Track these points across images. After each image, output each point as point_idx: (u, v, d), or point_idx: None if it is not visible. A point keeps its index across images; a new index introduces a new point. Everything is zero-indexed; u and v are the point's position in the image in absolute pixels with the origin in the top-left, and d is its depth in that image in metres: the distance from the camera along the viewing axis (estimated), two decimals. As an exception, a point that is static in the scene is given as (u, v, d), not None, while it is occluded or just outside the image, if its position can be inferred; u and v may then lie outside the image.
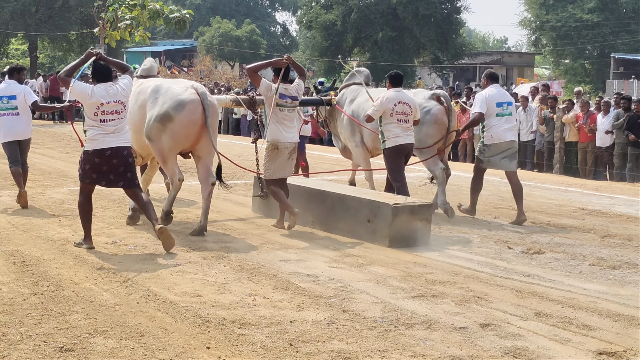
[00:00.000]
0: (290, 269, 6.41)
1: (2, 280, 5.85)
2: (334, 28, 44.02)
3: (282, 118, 8.13)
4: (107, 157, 6.87)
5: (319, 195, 8.38)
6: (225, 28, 57.16)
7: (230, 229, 8.12)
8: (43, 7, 43.08)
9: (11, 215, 8.55)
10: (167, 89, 7.89)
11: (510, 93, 17.20)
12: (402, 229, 7.53)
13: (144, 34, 28.32)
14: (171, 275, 6.12)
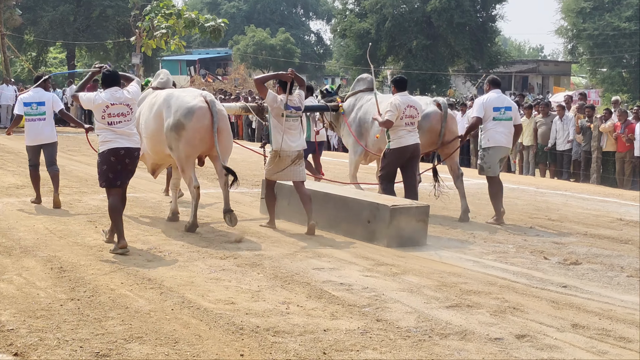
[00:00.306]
0: (324, 277, 6.41)
1: (40, 285, 5.92)
2: (368, 36, 43.98)
3: (288, 127, 8.48)
4: (121, 157, 7.23)
5: (323, 197, 8.75)
6: (259, 37, 57.50)
7: (263, 236, 8.14)
8: (81, 17, 43.73)
9: (49, 221, 8.66)
10: (177, 98, 8.37)
11: (545, 102, 17.11)
12: (400, 230, 7.84)
13: (179, 42, 28.60)
14: (205, 282, 6.15)
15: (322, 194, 8.78)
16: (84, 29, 43.80)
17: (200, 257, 7.07)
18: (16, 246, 7.31)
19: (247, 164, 14.64)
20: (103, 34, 43.66)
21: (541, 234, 8.86)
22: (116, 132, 7.19)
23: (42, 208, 9.55)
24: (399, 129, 8.99)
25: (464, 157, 17.65)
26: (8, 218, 8.80)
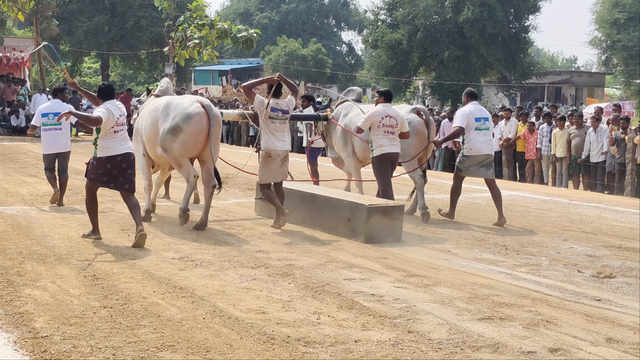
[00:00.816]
0: (355, 287, 6.40)
1: (73, 293, 5.98)
2: (400, 47, 43.94)
3: (274, 129, 9.13)
4: (118, 162, 8.02)
5: (309, 197, 9.52)
6: (291, 47, 57.76)
7: (294, 246, 8.15)
8: (115, 27, 44.28)
9: (83, 229, 8.74)
10: (177, 105, 9.12)
11: (579, 114, 16.96)
12: (376, 227, 8.56)
13: (212, 52, 28.80)
14: (237, 291, 6.17)
15: (309, 194, 9.54)
16: (118, 39, 44.33)
17: (231, 266, 7.10)
18: (50, 254, 7.40)
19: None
20: (137, 44, 44.14)
21: (574, 247, 8.76)
22: (117, 139, 7.99)
23: (77, 216, 9.64)
24: (379, 137, 9.70)
25: (496, 168, 17.56)
26: (43, 226, 8.91)
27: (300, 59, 56.68)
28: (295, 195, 9.67)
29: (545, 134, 16.36)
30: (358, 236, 8.57)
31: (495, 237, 9.17)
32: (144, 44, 44.77)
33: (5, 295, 5.85)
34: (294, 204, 9.54)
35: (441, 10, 44.36)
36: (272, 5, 72.67)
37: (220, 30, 27.79)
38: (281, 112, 9.14)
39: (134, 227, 8.88)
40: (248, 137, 26.61)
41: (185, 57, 29.27)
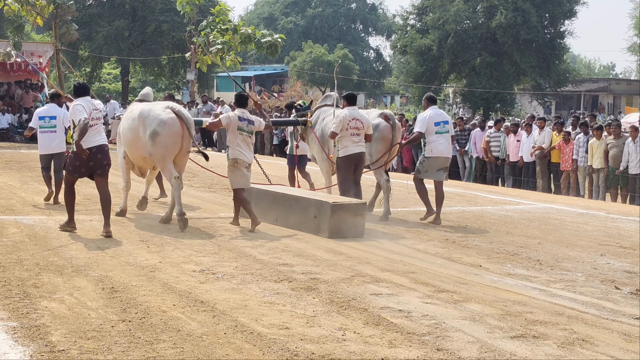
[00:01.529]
0: (382, 303, 6.38)
1: (91, 306, 6.03)
2: (430, 53, 43.91)
3: (241, 141, 10.04)
4: (94, 153, 9.11)
5: (281, 197, 10.49)
6: (317, 53, 57.93)
7: (319, 259, 8.16)
8: (136, 32, 44.56)
9: (101, 240, 8.82)
10: (150, 111, 10.22)
11: (617, 123, 16.82)
12: (340, 223, 9.49)
13: (235, 58, 28.92)
14: (259, 306, 6.18)
15: (280, 194, 10.58)
16: (139, 44, 44.63)
17: (254, 279, 7.11)
18: (68, 265, 7.46)
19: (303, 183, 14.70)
20: (158, 49, 44.42)
21: (612, 262, 8.68)
22: (92, 132, 9.07)
23: (94, 226, 9.72)
24: (344, 139, 10.58)
25: (529, 179, 17.46)
26: (60, 236, 8.99)
27: (326, 65, 56.77)
28: (268, 196, 10.67)
29: (581, 144, 16.24)
30: (323, 232, 9.53)
31: (528, 251, 9.11)
32: (165, 49, 45.05)
33: (21, 307, 5.91)
34: (267, 204, 10.53)
35: (473, 15, 44.29)
36: (298, 9, 73.00)
37: (243, 35, 27.92)
38: (247, 121, 10.09)
39: (153, 238, 8.97)
40: (272, 145, 26.74)
41: (208, 63, 29.42)
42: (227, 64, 29.51)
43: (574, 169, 16.44)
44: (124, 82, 47.82)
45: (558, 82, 44.26)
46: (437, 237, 9.89)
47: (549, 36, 44.15)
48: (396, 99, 65.96)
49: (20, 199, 12.05)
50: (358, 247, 8.91)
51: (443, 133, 11.04)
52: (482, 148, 18.61)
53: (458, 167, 19.74)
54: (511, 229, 10.72)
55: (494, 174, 18.56)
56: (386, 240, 9.43)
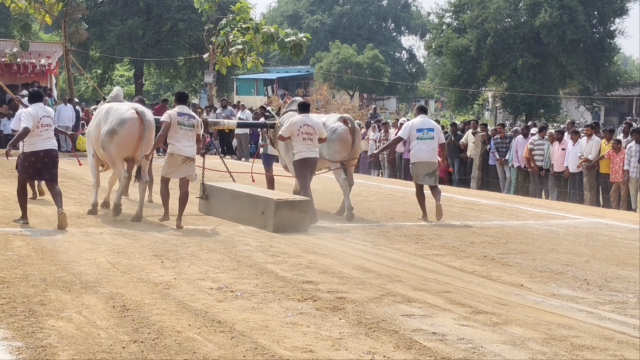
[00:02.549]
0: (414, 325, 6.37)
1: (101, 325, 6.07)
2: (467, 54, 43.86)
3: (181, 136, 11.15)
4: (41, 157, 10.51)
5: (235, 194, 12.02)
6: (344, 54, 58.01)
7: (346, 277, 8.16)
8: (151, 31, 44.76)
9: (112, 255, 8.88)
10: (115, 110, 11.57)
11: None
12: (284, 219, 10.89)
13: (256, 59, 29.07)
14: (281, 327, 6.19)
15: (235, 192, 12.06)
16: (154, 44, 44.90)
17: (275, 298, 7.13)
18: (76, 281, 7.52)
19: (329, 195, 14.73)
20: (174, 50, 44.72)
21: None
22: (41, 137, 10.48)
23: (105, 239, 9.80)
24: (298, 144, 11.93)
25: (576, 191, 17.34)
26: (68, 250, 9.07)
27: (354, 66, 56.85)
28: (225, 193, 12.25)
29: (633, 153, 16.10)
30: (268, 227, 10.90)
31: (575, 270, 9.05)
32: (182, 49, 45.36)
33: (26, 326, 5.96)
34: (224, 201, 12.15)
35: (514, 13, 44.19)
36: (324, 7, 73.21)
37: (266, 34, 28.05)
38: (187, 116, 11.23)
39: (168, 253, 9.03)
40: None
41: (227, 64, 29.60)
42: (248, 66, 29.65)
43: (624, 180, 16.31)
44: (137, 85, 48.11)
45: (608, 86, 43.98)
46: (475, 253, 9.85)
47: (598, 36, 43.92)
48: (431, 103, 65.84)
49: (26, 210, 12.15)
50: (389, 265, 8.90)
51: (425, 139, 12.66)
52: (524, 157, 18.52)
53: (498, 178, 19.66)
54: (556, 246, 10.65)
55: (537, 185, 18.46)
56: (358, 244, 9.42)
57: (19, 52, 28.94)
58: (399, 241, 10.59)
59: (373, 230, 11.49)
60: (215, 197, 12.40)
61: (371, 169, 23.67)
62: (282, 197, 11.43)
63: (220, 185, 12.78)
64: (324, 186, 15.73)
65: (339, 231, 11.25)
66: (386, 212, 13.67)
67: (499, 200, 16.49)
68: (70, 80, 31.00)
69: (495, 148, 19.48)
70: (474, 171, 19.92)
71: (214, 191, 12.49)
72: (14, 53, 28.79)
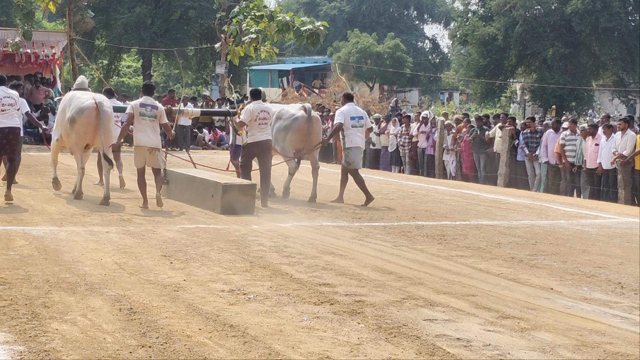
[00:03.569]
0: (437, 330, 6.36)
1: (106, 329, 6.10)
2: (494, 43, 43.69)
3: (144, 126, 12.45)
4: (6, 134, 12.17)
5: (191, 179, 13.64)
6: (364, 43, 57.98)
7: (365, 279, 8.16)
8: (159, 20, 44.78)
9: (118, 255, 8.92)
10: (76, 99, 13.14)
11: None
12: (231, 201, 12.31)
13: (270, 49, 29.03)
14: (296, 331, 6.20)
15: (191, 177, 13.72)
16: (162, 33, 44.95)
17: (290, 301, 7.14)
18: (81, 282, 7.56)
19: (346, 192, 14.72)
20: (184, 39, 44.74)
21: None
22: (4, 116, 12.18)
23: (111, 239, 9.84)
24: (253, 129, 13.41)
25: (610, 189, 17.26)
26: (72, 250, 9.11)
27: (374, 57, 56.81)
28: (182, 178, 13.87)
29: (671, 148, 16.03)
30: (216, 209, 12.33)
31: (608, 272, 9.02)
32: (192, 39, 45.40)
33: (29, 329, 5.99)
34: (183, 186, 13.68)
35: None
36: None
37: (281, 23, 28.02)
38: (150, 107, 12.47)
39: (177, 253, 9.06)
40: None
41: (240, 54, 29.58)
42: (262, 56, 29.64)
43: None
44: (145, 76, 48.18)
45: (644, 77, 43.69)
46: (502, 255, 9.83)
47: (634, 24, 43.63)
48: (455, 95, 65.75)
49: (29, 208, 12.24)
50: (410, 266, 8.90)
51: (358, 127, 14.33)
52: (554, 152, 18.43)
53: (526, 175, 19.59)
54: (588, 247, 10.61)
55: (568, 182, 18.38)
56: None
57: (21, 42, 29.05)
58: (421, 241, 10.58)
59: (394, 229, 11.49)
60: (174, 182, 13.83)
61: (392, 165, 23.65)
62: (230, 181, 13.02)
63: (178, 171, 14.36)
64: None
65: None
66: (407, 210, 13.66)
67: (527, 198, 16.44)
68: (75, 71, 31.04)
69: (525, 143, 19.39)
70: (501, 167, 19.85)
71: (174, 176, 13.93)
72: (16, 43, 28.90)
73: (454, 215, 12.80)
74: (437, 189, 17.28)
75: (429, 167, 22.22)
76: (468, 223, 12.39)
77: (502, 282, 8.36)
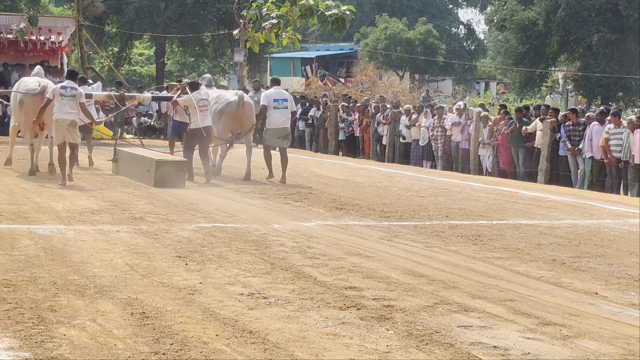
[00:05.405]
0: (472, 337, 6.35)
1: (117, 334, 6.13)
2: (535, 29, 43.43)
3: (63, 104, 15.02)
4: None
5: (133, 156, 16.59)
6: (393, 29, 57.78)
7: (394, 282, 8.16)
8: (174, 4, 44.67)
9: (130, 255, 8.96)
10: (25, 83, 16.57)
11: None
12: (164, 176, 14.90)
13: (293, 35, 29.03)
14: (320, 338, 6.20)
15: (134, 154, 16.64)
16: (177, 18, 44.88)
17: (314, 305, 7.15)
18: (90, 285, 7.60)
19: (374, 189, 14.74)
20: (200, 25, 44.69)
21: None
22: None
23: (122, 238, 9.89)
24: (195, 115, 16.13)
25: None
26: (81, 250, 9.17)
27: (404, 43, 56.63)
28: (127, 156, 16.85)
29: None
30: (150, 182, 14.94)
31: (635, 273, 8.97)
32: (209, 24, 45.36)
33: (35, 334, 6.04)
34: (127, 163, 16.65)
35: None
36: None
37: (304, 7, 27.97)
38: (69, 88, 15.18)
39: (193, 254, 9.10)
40: (337, 141, 26.78)
41: (260, 41, 29.58)
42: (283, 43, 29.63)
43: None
44: (158, 65, 48.26)
45: (698, 65, 43.32)
46: (542, 257, 9.80)
47: (687, 7, 43.26)
48: (492, 85, 65.47)
49: (34, 205, 12.33)
50: (443, 269, 8.88)
51: (280, 109, 16.81)
52: (599, 147, 18.31)
53: (569, 171, 19.49)
54: (635, 249, 10.55)
55: (614, 179, 18.26)
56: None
57: (26, 28, 29.25)
58: (454, 242, 10.56)
59: (425, 229, 11.48)
60: (122, 160, 16.91)
61: (423, 160, 23.60)
62: (163, 157, 15.78)
63: (125, 150, 17.40)
64: (369, 180, 15.72)
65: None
66: (440, 209, 13.64)
67: (570, 196, 16.37)
68: (84, 59, 31.21)
69: (567, 136, 19.26)
70: (541, 163, 19.75)
71: (121, 155, 17.02)
72: (21, 29, 29.10)
73: (491, 214, 12.77)
74: (472, 186, 17.23)
75: (463, 163, 22.15)
76: (506, 222, 12.35)
77: (543, 286, 8.34)
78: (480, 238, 10.93)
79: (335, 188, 14.76)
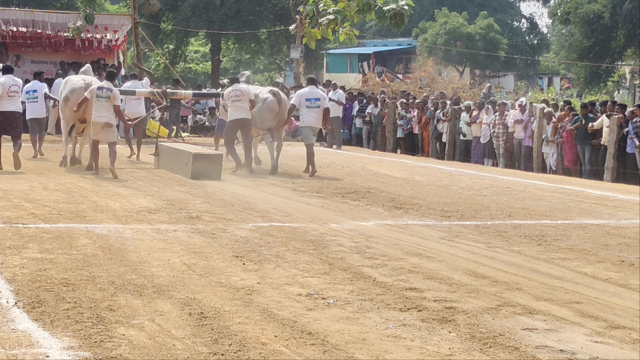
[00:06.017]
0: (537, 340, 6.31)
1: (175, 334, 6.19)
2: (600, 22, 42.99)
3: (99, 106, 16.08)
4: (7, 116, 16.51)
5: (172, 150, 17.86)
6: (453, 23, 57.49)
7: (456, 283, 8.12)
8: (230, 0, 45.02)
9: (187, 255, 9.04)
10: (71, 81, 17.52)
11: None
12: (200, 168, 15.98)
13: (350, 31, 29.04)
14: (381, 340, 6.21)
15: (174, 149, 18.01)
16: (233, 15, 45.14)
17: (374, 307, 7.15)
18: (148, 284, 7.68)
19: (434, 188, 14.70)
20: (256, 21, 44.90)
21: None
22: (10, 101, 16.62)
23: (179, 237, 9.98)
24: (230, 107, 17.50)
25: None
26: (139, 249, 9.27)
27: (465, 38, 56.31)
28: (168, 150, 18.02)
29: None
30: (187, 174, 15.99)
31: None
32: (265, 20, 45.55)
33: (94, 334, 6.12)
34: (168, 157, 17.73)
35: (657, -29, 43.02)
36: (430, -31, 72.61)
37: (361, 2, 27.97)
38: (105, 89, 16.09)
39: (250, 254, 9.16)
40: (395, 139, 26.72)
41: (317, 37, 29.65)
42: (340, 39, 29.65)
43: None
44: (214, 62, 48.60)
45: None
46: (610, 258, 9.69)
47: None
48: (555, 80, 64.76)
49: (92, 204, 12.49)
50: (506, 270, 8.83)
51: (312, 108, 17.84)
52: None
53: (637, 169, 19.22)
54: None
55: (684, 177, 17.98)
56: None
57: (83, 26, 29.63)
58: (518, 242, 10.49)
59: (487, 229, 11.42)
60: (162, 154, 18.01)
61: (485, 157, 23.45)
62: (200, 151, 17.09)
63: (166, 144, 18.95)
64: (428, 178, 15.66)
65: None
66: (502, 208, 13.55)
67: (638, 194, 16.15)
68: (140, 57, 31.54)
69: (635, 133, 19.00)
70: (608, 160, 19.51)
71: (162, 149, 18.17)
72: (77, 27, 29.49)
73: (555, 213, 12.65)
74: (536, 185, 17.08)
75: (526, 160, 21.96)
76: (571, 222, 12.23)
77: (611, 288, 8.25)
78: (544, 238, 10.84)
79: (394, 187, 14.74)
